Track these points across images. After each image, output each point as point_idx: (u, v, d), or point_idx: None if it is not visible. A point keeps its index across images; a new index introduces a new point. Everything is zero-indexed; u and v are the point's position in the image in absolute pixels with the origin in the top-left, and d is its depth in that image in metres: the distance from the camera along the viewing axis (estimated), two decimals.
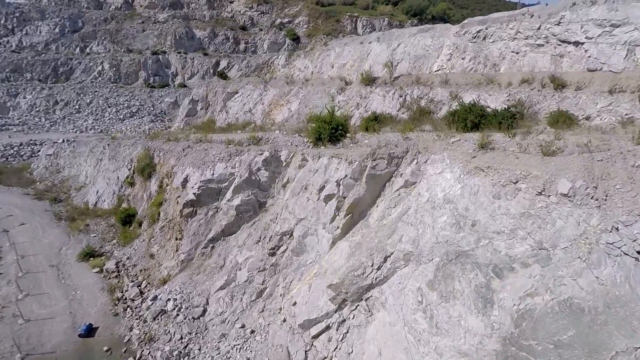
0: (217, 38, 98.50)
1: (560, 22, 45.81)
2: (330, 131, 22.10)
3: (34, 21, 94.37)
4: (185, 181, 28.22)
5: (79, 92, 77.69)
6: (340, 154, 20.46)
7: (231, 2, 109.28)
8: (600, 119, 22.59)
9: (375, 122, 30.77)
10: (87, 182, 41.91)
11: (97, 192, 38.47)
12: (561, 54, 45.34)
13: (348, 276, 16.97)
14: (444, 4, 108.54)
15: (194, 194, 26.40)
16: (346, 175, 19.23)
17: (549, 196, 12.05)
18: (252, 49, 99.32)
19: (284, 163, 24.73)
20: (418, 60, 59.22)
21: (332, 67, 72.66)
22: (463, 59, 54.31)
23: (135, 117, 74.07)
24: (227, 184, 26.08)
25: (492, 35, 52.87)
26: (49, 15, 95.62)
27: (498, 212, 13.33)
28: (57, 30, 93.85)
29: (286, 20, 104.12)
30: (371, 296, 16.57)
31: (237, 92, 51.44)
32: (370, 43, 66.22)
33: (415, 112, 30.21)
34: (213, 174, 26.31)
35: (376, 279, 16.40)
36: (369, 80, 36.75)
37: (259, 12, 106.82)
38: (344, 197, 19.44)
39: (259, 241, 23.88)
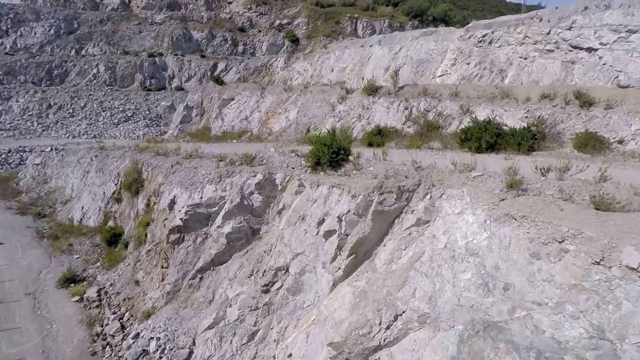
0: (215, 40, 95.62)
1: (571, 27, 43.04)
2: (331, 155, 19.36)
3: (29, 22, 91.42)
4: (172, 203, 25.53)
5: (73, 95, 74.86)
6: (342, 184, 17.73)
7: (230, 3, 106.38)
8: (636, 143, 19.88)
9: (379, 136, 28.17)
10: (74, 195, 39.17)
11: (83, 207, 35.74)
12: (573, 60, 42.59)
13: (352, 334, 14.27)
14: (445, 5, 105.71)
15: (181, 219, 23.70)
16: (349, 211, 16.52)
17: (610, 267, 9.32)
18: (251, 50, 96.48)
19: (279, 187, 22.02)
20: (421, 64, 56.49)
21: (332, 71, 69.91)
22: (468, 64, 51.58)
23: (130, 122, 71.25)
24: (217, 208, 23.38)
25: (498, 39, 50.14)
26: (44, 17, 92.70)
27: (538, 276, 10.61)
28: (52, 31, 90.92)
29: (285, 21, 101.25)
30: (378, 359, 13.90)
31: (233, 99, 48.72)
32: (371, 46, 63.45)
33: (422, 127, 27.52)
34: (202, 198, 23.60)
35: (385, 339, 13.71)
36: (372, 90, 34.01)
37: (258, 13, 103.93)
38: (347, 235, 16.74)
39: (251, 275, 21.19)
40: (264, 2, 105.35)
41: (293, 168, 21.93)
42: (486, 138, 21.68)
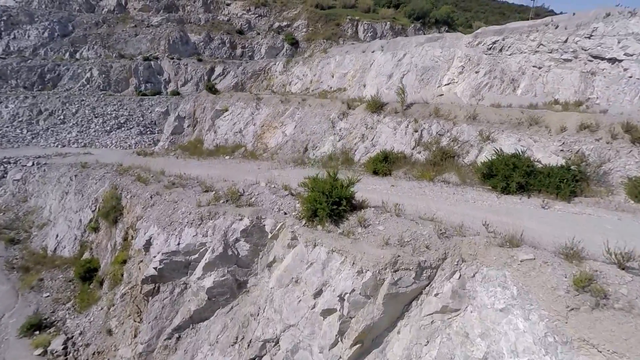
0: (212, 43, 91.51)
1: (592, 35, 38.94)
2: (331, 207, 15.41)
3: (23, 25, 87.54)
4: (148, 244, 21.64)
5: (65, 101, 70.76)
6: (344, 249, 13.80)
7: (228, 5, 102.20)
8: None
9: (385, 163, 24.18)
10: (51, 218, 35.20)
11: (57, 235, 31.77)
12: (593, 72, 38.59)
13: None
14: (448, 8, 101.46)
15: (156, 268, 19.76)
16: (354, 290, 12.61)
17: None
18: (249, 53, 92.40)
19: (270, 235, 18.09)
20: (426, 72, 52.40)
21: (333, 77, 65.87)
22: (477, 72, 47.51)
23: (123, 129, 67.19)
24: (197, 256, 19.46)
25: (510, 47, 46.03)
26: (38, 19, 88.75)
27: None
28: (46, 34, 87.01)
29: (284, 23, 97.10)
30: None
31: (226, 110, 44.70)
32: (373, 52, 59.40)
33: (435, 154, 23.53)
34: (179, 244, 19.67)
35: None
36: (376, 107, 29.99)
37: (257, 15, 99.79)
38: (350, 318, 12.85)
39: (235, 342, 17.31)
40: (263, 3, 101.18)
41: (285, 213, 17.99)
42: (516, 178, 17.75)
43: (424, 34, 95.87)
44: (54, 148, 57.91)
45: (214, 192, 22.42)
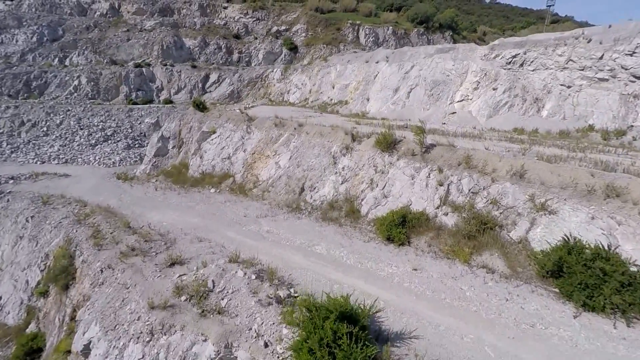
0: (208, 47, 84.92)
1: (634, 52, 32.54)
2: None
3: (10, 29, 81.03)
4: (87, 350, 15.44)
5: (49, 111, 64.28)
6: None
7: (225, 8, 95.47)
8: None
9: (402, 227, 17.87)
10: (3, 267, 28.92)
11: (1, 298, 25.54)
12: (636, 94, 32.16)
13: None
14: (452, 11, 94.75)
15: None
16: None
17: None
18: (247, 59, 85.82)
19: None
20: (436, 86, 45.95)
21: (333, 88, 59.41)
22: (494, 89, 41.05)
23: (109, 142, 60.75)
24: None
25: (532, 61, 39.52)
26: (26, 23, 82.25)
27: None
28: (34, 39, 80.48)
29: (283, 27, 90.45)
30: None
31: (214, 132, 38.35)
32: (377, 63, 52.89)
33: (468, 221, 17.15)
34: None
35: None
36: (387, 144, 23.59)
37: (254, 19, 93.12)
38: None
39: None
40: (261, 7, 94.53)
41: (267, 345, 11.71)
42: (607, 292, 11.50)
43: (427, 38, 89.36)
44: (32, 165, 51.47)
45: (178, 276, 16.15)
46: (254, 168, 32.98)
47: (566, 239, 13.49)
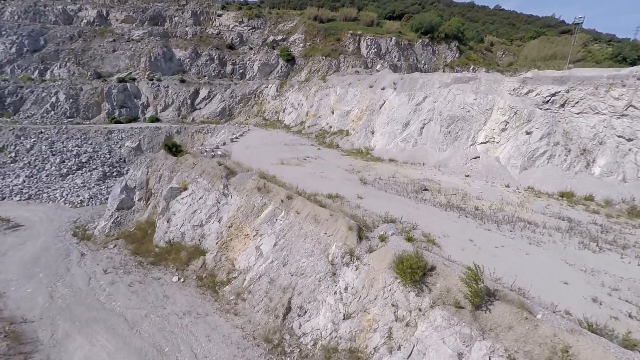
0: (199, 59, 75.47)
1: None
2: None
3: None
4: None
5: (20, 133, 55.03)
6: None
7: (219, 16, 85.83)
8: None
9: None
10: None
11: None
12: None
13: None
14: (457, 20, 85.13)
15: None
16: None
17: None
18: (241, 70, 76.45)
19: None
20: (454, 123, 36.56)
21: (333, 113, 50.11)
22: (528, 133, 31.64)
23: (83, 170, 51.56)
24: None
25: (577, 102, 30.10)
26: (5, 32, 72.76)
27: None
28: (13, 49, 71.13)
29: (280, 37, 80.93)
30: None
31: (185, 189, 29.37)
32: (383, 90, 43.53)
33: None
34: None
35: None
36: (413, 278, 14.46)
37: (250, 28, 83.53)
38: None
39: None
40: (257, 15, 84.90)
41: None
42: None
43: (433, 49, 79.90)
44: None
45: None
46: (230, 249, 24.03)
47: None
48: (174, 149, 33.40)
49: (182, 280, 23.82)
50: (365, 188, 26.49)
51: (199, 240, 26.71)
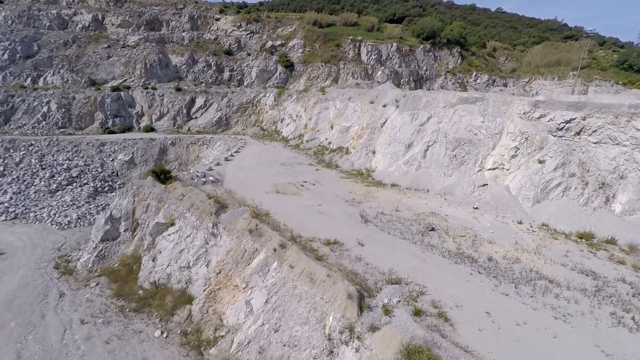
0: (196, 65, 72.61)
1: None
2: None
3: None
4: None
5: (9, 146, 52.39)
6: None
7: (217, 20, 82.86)
8: None
9: None
10: None
11: None
12: None
13: None
14: (459, 24, 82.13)
15: None
16: None
17: None
18: (238, 77, 73.64)
19: None
20: (460, 146, 33.78)
21: (332, 128, 47.35)
22: (541, 162, 28.72)
23: (74, 185, 48.91)
24: None
25: (596, 131, 27.26)
26: None
27: None
28: (6, 56, 68.31)
29: (278, 42, 78.02)
30: None
31: (172, 224, 26.78)
32: (385, 107, 40.78)
33: None
34: None
35: None
36: None
37: (248, 32, 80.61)
38: None
39: None
40: (256, 19, 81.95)
41: None
42: None
43: (434, 55, 76.97)
44: None
45: None
46: (218, 300, 21.49)
47: None
48: (162, 176, 30.75)
49: (165, 335, 21.29)
50: (366, 228, 23.89)
51: (186, 283, 24.18)
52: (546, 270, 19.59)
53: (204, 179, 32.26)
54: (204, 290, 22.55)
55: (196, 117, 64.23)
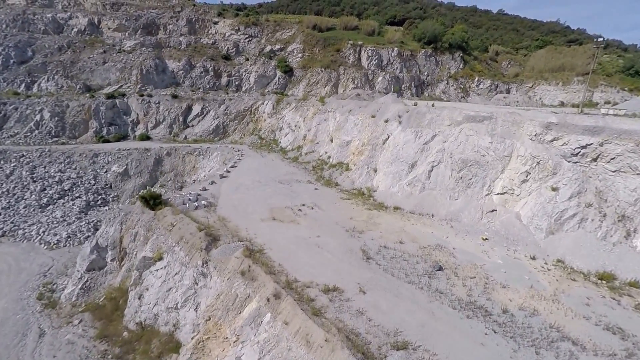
0: (194, 70, 70.24)
1: None
2: None
3: None
4: None
5: (0, 157, 50.24)
6: None
7: (215, 23, 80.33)
8: None
9: None
10: None
11: None
12: None
13: None
14: (461, 27, 79.59)
15: None
16: None
17: None
18: (237, 82, 71.26)
19: None
20: (467, 167, 31.26)
21: (331, 142, 45.01)
22: (554, 189, 26.34)
23: (66, 198, 46.72)
24: None
25: (614, 159, 24.94)
26: None
27: None
28: None
29: (277, 47, 75.56)
30: None
31: (160, 259, 24.61)
32: (387, 122, 38.40)
33: None
34: None
35: None
36: None
37: (247, 36, 78.10)
38: None
39: None
40: (254, 23, 79.37)
41: None
42: None
43: (436, 60, 74.45)
44: None
45: None
46: (207, 352, 19.36)
47: None
48: (152, 202, 28.53)
49: None
50: (368, 269, 21.72)
51: (173, 327, 22.04)
52: (568, 326, 17.42)
53: (195, 203, 30.05)
54: (192, 339, 20.40)
55: (193, 125, 61.93)
